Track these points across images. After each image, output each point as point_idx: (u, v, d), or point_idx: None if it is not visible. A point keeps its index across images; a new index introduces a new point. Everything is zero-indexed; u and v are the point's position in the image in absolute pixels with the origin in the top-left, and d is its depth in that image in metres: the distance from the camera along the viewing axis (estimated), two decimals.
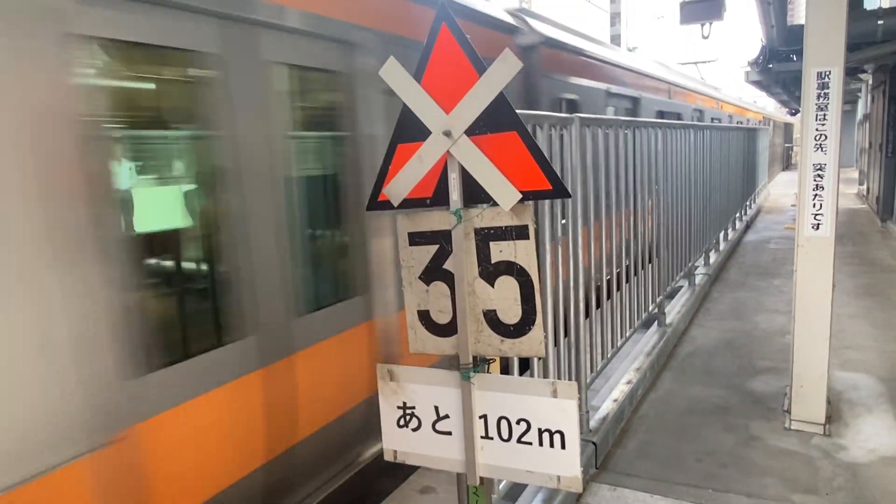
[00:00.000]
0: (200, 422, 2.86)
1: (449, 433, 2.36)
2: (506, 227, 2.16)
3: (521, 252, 2.15)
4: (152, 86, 2.91)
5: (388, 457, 2.50)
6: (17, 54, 2.17)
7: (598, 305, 4.40)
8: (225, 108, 2.96)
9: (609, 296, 4.62)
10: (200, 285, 3.07)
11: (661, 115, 10.58)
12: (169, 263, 2.99)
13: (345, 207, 3.80)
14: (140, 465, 2.59)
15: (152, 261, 2.85)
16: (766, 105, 38.13)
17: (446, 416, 2.37)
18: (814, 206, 4.11)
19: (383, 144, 2.51)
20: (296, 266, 3.39)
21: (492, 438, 2.29)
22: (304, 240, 3.55)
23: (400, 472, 3.57)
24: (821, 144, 4.03)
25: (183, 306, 2.99)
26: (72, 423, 2.33)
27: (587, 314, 4.06)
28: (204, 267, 3.09)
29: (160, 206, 2.96)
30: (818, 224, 4.11)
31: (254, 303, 3.12)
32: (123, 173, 2.69)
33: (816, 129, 4.03)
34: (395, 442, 2.47)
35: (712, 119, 15.76)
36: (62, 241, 2.30)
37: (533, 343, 2.19)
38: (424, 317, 2.37)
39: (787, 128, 38.50)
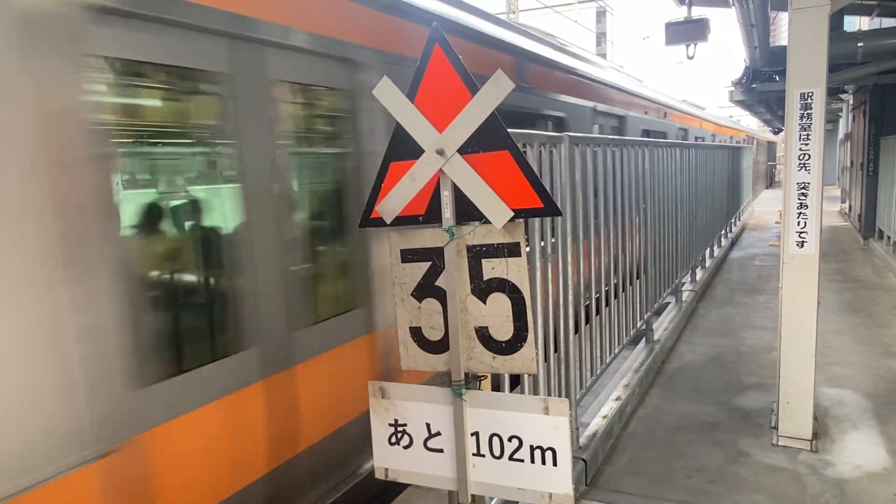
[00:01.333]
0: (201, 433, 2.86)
1: (440, 450, 2.36)
2: (498, 244, 2.18)
3: (512, 269, 2.17)
4: (161, 101, 2.95)
5: (379, 475, 2.49)
6: None
7: (588, 321, 4.43)
8: (233, 123, 3.01)
9: (598, 311, 4.65)
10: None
11: (646, 133, 10.72)
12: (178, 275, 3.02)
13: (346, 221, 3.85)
14: (138, 475, 2.58)
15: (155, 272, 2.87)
16: (749, 124, 38.74)
17: (438, 434, 2.37)
18: (798, 224, 4.18)
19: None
20: (296, 280, 3.41)
21: (483, 456, 2.29)
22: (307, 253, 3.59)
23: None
24: (805, 164, 4.10)
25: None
26: (75, 432, 2.32)
27: (576, 330, 4.09)
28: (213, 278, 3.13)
29: (166, 218, 2.99)
30: (803, 242, 4.17)
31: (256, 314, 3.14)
32: (127, 185, 2.74)
33: (800, 149, 4.10)
34: (387, 460, 2.47)
35: (696, 138, 15.96)
36: (69, 250, 2.29)
37: (525, 360, 2.21)
38: (416, 333, 2.38)
39: (770, 146, 39.07)
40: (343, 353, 3.70)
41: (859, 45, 8.76)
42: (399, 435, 2.43)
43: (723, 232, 12.69)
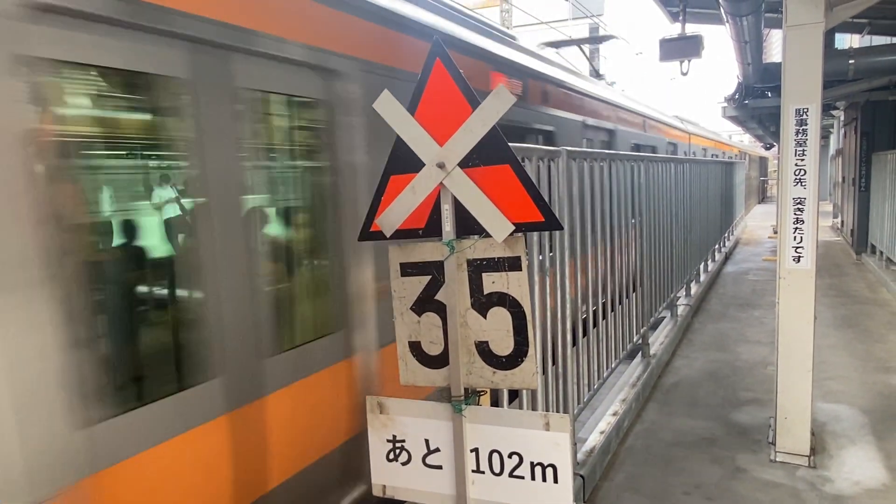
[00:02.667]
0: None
1: (439, 467, 2.33)
2: (498, 258, 2.17)
3: (513, 283, 2.16)
4: (130, 112, 2.67)
5: (376, 492, 2.45)
6: None
7: (585, 334, 4.41)
8: (194, 137, 2.68)
9: (595, 325, 4.64)
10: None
11: (636, 147, 10.62)
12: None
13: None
14: None
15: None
16: (741, 139, 39.06)
17: (437, 450, 2.34)
18: (794, 239, 4.19)
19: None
20: (268, 303, 3.07)
21: (483, 472, 2.26)
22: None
23: None
24: (800, 179, 4.12)
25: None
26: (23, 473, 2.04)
27: (574, 343, 4.07)
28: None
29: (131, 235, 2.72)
30: (799, 257, 4.18)
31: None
32: (92, 199, 2.50)
33: (796, 164, 4.13)
34: (385, 476, 2.43)
35: (685, 153, 15.93)
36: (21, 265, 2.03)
37: (525, 375, 2.19)
38: (416, 348, 2.36)
39: (762, 161, 39.38)
40: (317, 381, 3.28)
41: (851, 62, 8.86)
42: (397, 451, 2.40)
43: (717, 246, 12.73)
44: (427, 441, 2.35)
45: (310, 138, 3.48)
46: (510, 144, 2.14)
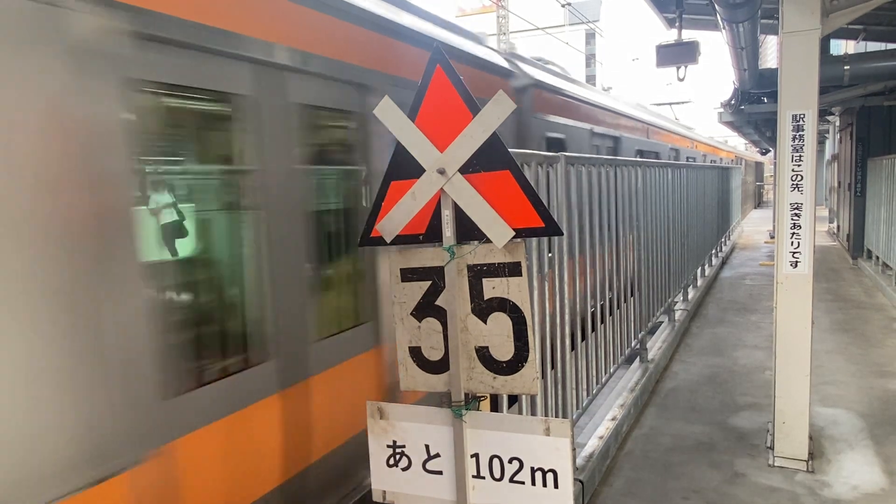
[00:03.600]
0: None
1: (440, 472, 2.33)
2: (498, 264, 2.17)
3: (513, 289, 2.16)
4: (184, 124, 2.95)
5: (376, 497, 2.45)
6: None
7: (584, 338, 4.42)
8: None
9: (594, 329, 4.64)
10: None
11: (640, 153, 10.82)
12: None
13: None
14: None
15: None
16: (737, 144, 39.17)
17: (437, 455, 2.34)
18: (792, 244, 4.20)
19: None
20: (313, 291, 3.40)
21: (483, 478, 2.26)
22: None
23: None
24: (797, 184, 4.14)
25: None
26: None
27: (573, 347, 4.07)
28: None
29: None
30: (796, 262, 4.20)
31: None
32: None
33: (793, 170, 4.14)
34: (385, 482, 2.43)
35: (687, 158, 16.11)
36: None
37: (525, 381, 2.19)
38: (416, 353, 2.36)
39: (758, 167, 39.50)
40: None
41: (846, 68, 8.89)
42: (397, 456, 2.40)
43: (714, 251, 12.76)
44: (427, 446, 2.34)
45: (355, 146, 3.91)
46: (510, 150, 2.15)
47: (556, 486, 2.15)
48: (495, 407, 3.44)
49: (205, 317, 3.02)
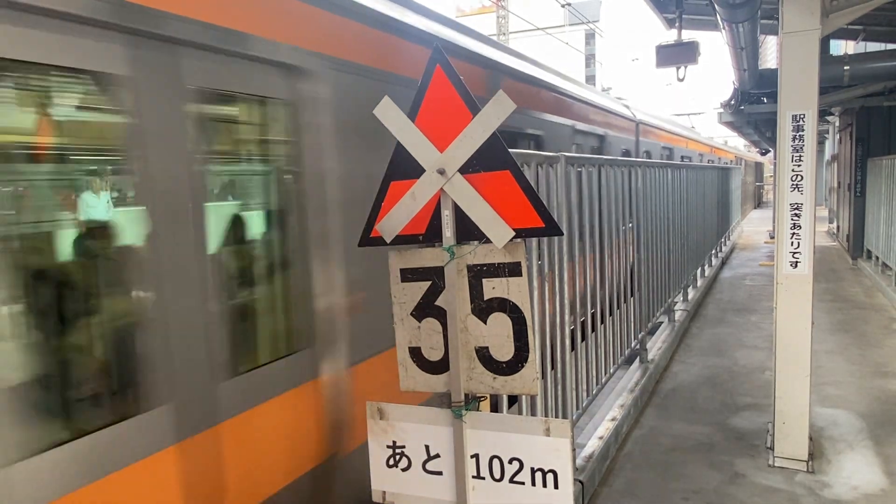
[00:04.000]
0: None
1: (440, 473, 2.33)
2: (498, 264, 2.17)
3: (513, 289, 2.16)
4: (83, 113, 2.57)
5: (376, 498, 2.45)
6: None
7: (584, 339, 4.41)
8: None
9: (593, 329, 4.64)
10: None
11: (627, 153, 10.17)
12: None
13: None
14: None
15: None
16: (737, 145, 39.19)
17: (437, 456, 2.33)
18: (792, 244, 4.20)
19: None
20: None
21: (483, 478, 2.25)
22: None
23: None
24: (797, 185, 4.14)
25: None
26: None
27: (573, 348, 4.07)
28: None
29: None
30: (797, 262, 4.20)
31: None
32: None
33: (793, 170, 4.14)
34: (384, 483, 2.43)
35: (682, 157, 15.87)
36: None
37: (525, 381, 2.19)
38: (416, 353, 2.35)
39: (758, 167, 39.50)
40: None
41: (846, 68, 8.90)
42: (397, 457, 2.39)
43: (713, 251, 12.76)
44: (427, 447, 2.34)
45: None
46: (510, 150, 2.15)
47: (556, 487, 2.15)
48: (495, 407, 3.44)
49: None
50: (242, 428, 2.80)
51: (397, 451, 2.39)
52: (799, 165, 4.14)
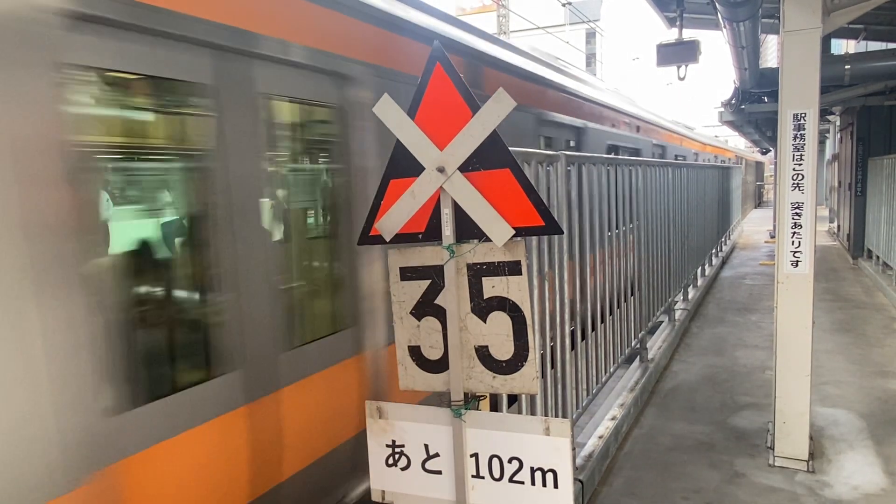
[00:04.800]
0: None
1: (439, 472, 2.32)
2: (498, 262, 2.16)
3: (513, 288, 2.15)
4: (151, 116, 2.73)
5: (375, 497, 2.44)
6: None
7: (584, 338, 4.41)
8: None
9: (593, 328, 4.63)
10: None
11: (612, 149, 9.09)
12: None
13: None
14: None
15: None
16: (737, 144, 39.17)
17: (436, 455, 2.33)
18: (792, 243, 4.19)
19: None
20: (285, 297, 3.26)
21: (483, 477, 2.25)
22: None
23: None
24: (798, 184, 4.13)
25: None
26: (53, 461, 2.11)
27: (573, 347, 4.06)
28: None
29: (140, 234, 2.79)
30: (797, 261, 4.19)
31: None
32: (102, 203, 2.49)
33: (794, 169, 4.13)
34: (384, 482, 2.42)
35: (676, 156, 15.05)
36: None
37: (525, 380, 2.18)
38: (415, 352, 2.35)
39: (759, 166, 39.47)
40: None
41: (847, 67, 8.89)
42: (397, 456, 2.39)
43: (714, 251, 12.75)
44: (427, 446, 2.33)
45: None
46: (510, 148, 2.14)
47: (555, 486, 2.14)
48: (495, 406, 3.43)
49: None
50: (299, 394, 3.18)
51: (397, 450, 2.38)
52: (800, 164, 4.13)
